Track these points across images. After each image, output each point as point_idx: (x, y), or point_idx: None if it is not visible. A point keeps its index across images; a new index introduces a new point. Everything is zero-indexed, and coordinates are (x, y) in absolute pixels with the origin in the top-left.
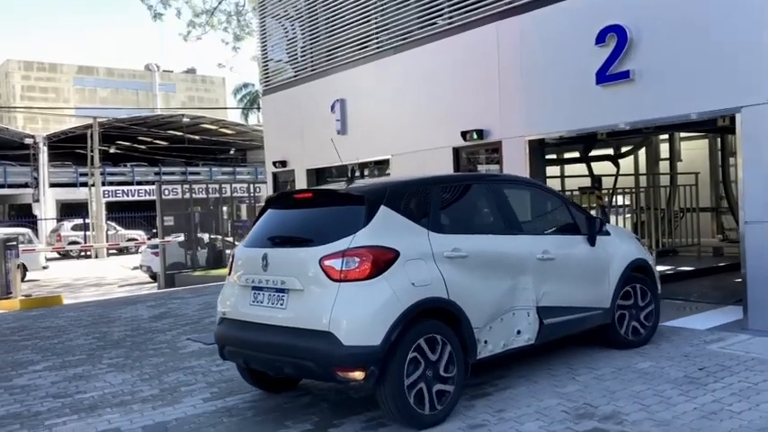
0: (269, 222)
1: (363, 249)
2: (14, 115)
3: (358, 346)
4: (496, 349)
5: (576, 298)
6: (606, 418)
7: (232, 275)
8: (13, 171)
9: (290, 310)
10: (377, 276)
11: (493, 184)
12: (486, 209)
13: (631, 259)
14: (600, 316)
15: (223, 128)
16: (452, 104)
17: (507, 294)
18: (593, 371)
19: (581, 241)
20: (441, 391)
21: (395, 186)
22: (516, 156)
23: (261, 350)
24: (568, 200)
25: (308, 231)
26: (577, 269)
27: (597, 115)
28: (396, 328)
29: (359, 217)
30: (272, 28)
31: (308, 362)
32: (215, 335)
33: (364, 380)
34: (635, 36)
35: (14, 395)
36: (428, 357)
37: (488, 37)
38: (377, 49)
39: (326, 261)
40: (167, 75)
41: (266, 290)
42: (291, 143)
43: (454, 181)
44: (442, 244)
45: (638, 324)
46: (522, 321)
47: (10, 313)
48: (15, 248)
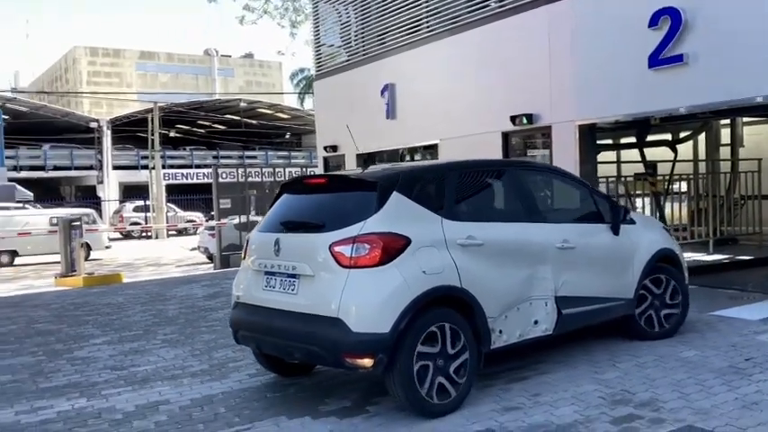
0: (283, 207)
1: (374, 236)
2: (81, 100)
3: (367, 333)
4: (512, 339)
5: (597, 288)
6: (643, 404)
7: (246, 260)
8: (78, 154)
9: (300, 296)
10: (387, 263)
11: (512, 170)
12: (503, 196)
13: (657, 249)
14: (622, 307)
15: (279, 112)
16: (502, 88)
17: (524, 284)
18: (634, 358)
19: (604, 230)
20: (452, 380)
21: (408, 172)
22: (566, 140)
23: (272, 335)
24: (592, 187)
25: (320, 217)
26: (599, 258)
27: (649, 100)
28: (405, 315)
29: (370, 203)
30: (324, 13)
31: (317, 348)
32: (230, 319)
33: (373, 367)
34: (689, 18)
35: (75, 366)
36: (439, 346)
37: (539, 20)
38: (427, 34)
39: (336, 247)
40: (226, 59)
41: (278, 275)
42: (342, 128)
43: (470, 167)
44: (456, 231)
45: (663, 315)
46: (540, 311)
47: (74, 290)
48: (79, 228)
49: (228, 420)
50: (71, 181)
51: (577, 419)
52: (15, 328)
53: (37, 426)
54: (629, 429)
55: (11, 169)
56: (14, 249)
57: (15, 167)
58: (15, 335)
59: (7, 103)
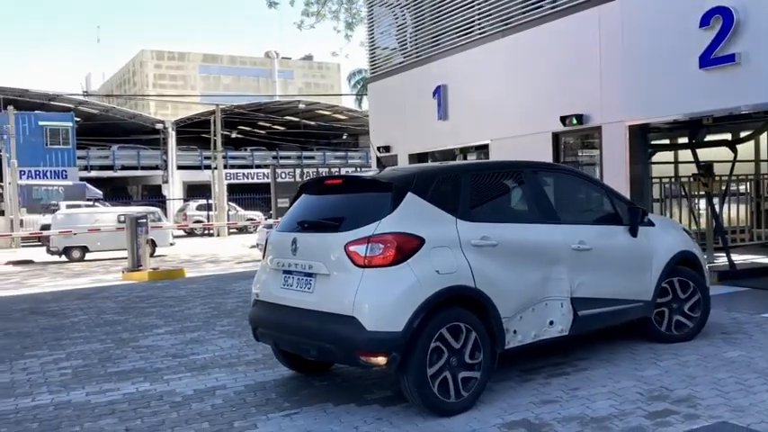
0: (301, 207)
1: (388, 236)
2: (147, 102)
3: (380, 331)
4: (526, 339)
5: (614, 290)
6: (680, 401)
7: (265, 259)
8: (145, 154)
9: (316, 294)
10: (401, 263)
11: (526, 171)
12: (519, 197)
13: (676, 251)
14: (640, 309)
15: (337, 113)
16: (553, 89)
17: (539, 284)
18: (676, 357)
19: (621, 232)
20: (466, 378)
21: (423, 173)
22: (616, 141)
23: (289, 332)
24: (610, 189)
25: (336, 217)
26: (616, 260)
27: (699, 100)
28: (418, 314)
29: (385, 203)
30: (379, 16)
31: (331, 345)
32: (249, 316)
33: (386, 365)
34: (741, 17)
35: (140, 353)
36: (453, 345)
37: (590, 21)
38: (479, 36)
39: (351, 247)
40: (285, 62)
41: (295, 273)
42: (394, 128)
43: (485, 169)
44: (471, 232)
45: (682, 318)
46: (555, 312)
47: (140, 284)
48: (145, 225)
49: (279, 405)
50: (138, 180)
51: (612, 413)
52: (86, 318)
53: (105, 405)
54: (663, 423)
55: (82, 169)
56: (85, 245)
57: (86, 167)
58: (86, 324)
59: (79, 105)
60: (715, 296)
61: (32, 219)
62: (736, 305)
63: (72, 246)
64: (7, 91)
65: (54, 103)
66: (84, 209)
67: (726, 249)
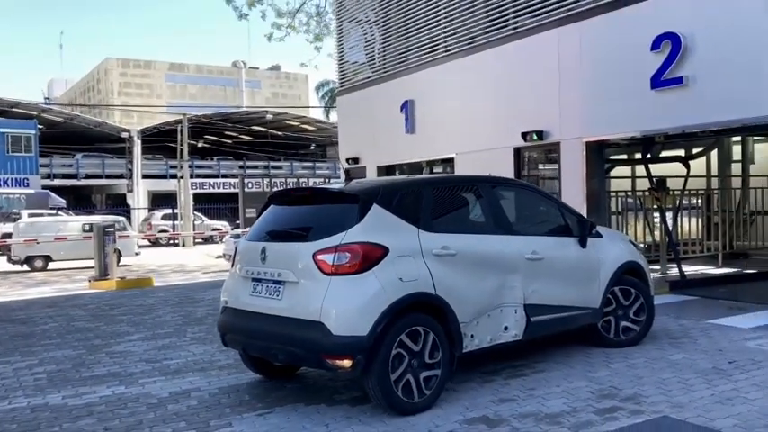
0: (270, 218)
1: (355, 245)
2: (112, 111)
3: (346, 335)
4: (483, 344)
5: (564, 297)
6: (627, 399)
7: (234, 267)
8: (110, 163)
9: (285, 301)
10: (366, 271)
11: (485, 186)
12: (477, 210)
13: (623, 261)
14: (589, 315)
15: (304, 124)
16: (514, 106)
17: (495, 292)
18: (626, 359)
19: (572, 243)
20: (426, 380)
21: (388, 186)
22: (574, 156)
23: (258, 338)
24: (561, 203)
25: (304, 227)
26: (566, 269)
27: (652, 119)
28: (383, 320)
29: (352, 214)
30: (348, 31)
31: (299, 349)
32: (217, 323)
33: (351, 368)
34: (689, 43)
35: (114, 358)
36: (414, 348)
37: (550, 42)
38: (445, 53)
39: (319, 255)
40: (253, 72)
41: (264, 281)
42: (363, 141)
43: (446, 182)
44: (432, 242)
45: (628, 324)
46: (510, 318)
47: (108, 292)
48: (112, 234)
49: (252, 405)
50: (102, 189)
51: (565, 410)
52: (57, 326)
53: (82, 407)
54: (610, 418)
55: (45, 177)
56: (48, 254)
57: (49, 175)
58: (57, 331)
59: (43, 113)
60: (666, 304)
61: None
62: (685, 313)
63: (34, 255)
64: None
65: (16, 110)
66: (46, 218)
67: (677, 260)
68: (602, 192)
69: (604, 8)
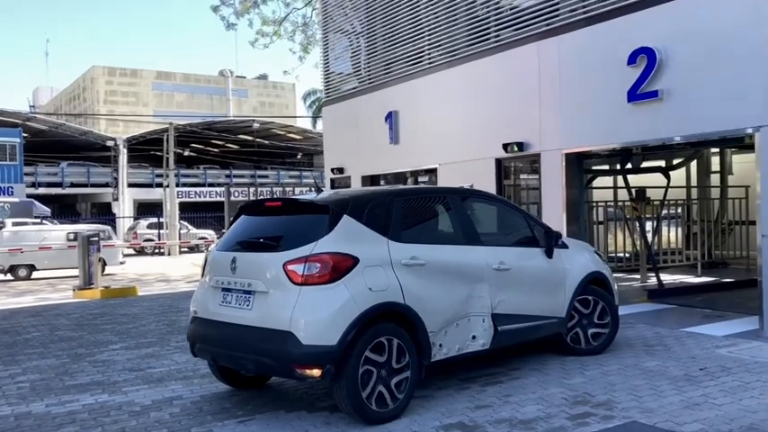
0: (240, 228)
1: (325, 255)
2: (98, 119)
3: (316, 345)
4: (451, 353)
5: (531, 307)
6: (599, 405)
7: (204, 277)
8: (95, 171)
9: (255, 311)
10: (336, 281)
11: (452, 197)
12: (445, 221)
13: (588, 272)
14: (555, 325)
15: (291, 133)
16: (496, 118)
17: (463, 301)
18: (601, 366)
19: (538, 253)
20: (395, 389)
21: (358, 198)
22: (553, 167)
23: (227, 348)
24: (528, 214)
25: (275, 237)
26: (533, 280)
27: (628, 131)
28: (352, 329)
29: (322, 225)
30: (333, 42)
31: (269, 359)
32: (187, 333)
33: (321, 377)
34: (664, 58)
35: (97, 367)
36: (383, 358)
37: (530, 55)
38: (428, 65)
39: (290, 266)
40: (240, 80)
41: (234, 291)
42: (348, 151)
43: (415, 194)
44: (401, 252)
45: (592, 333)
46: (478, 327)
47: (92, 301)
48: (97, 243)
49: (233, 413)
50: (87, 198)
51: (539, 416)
52: (40, 335)
53: (66, 415)
54: (582, 424)
55: (29, 186)
56: (32, 263)
57: (34, 184)
58: (40, 340)
59: (27, 121)
60: (643, 313)
61: None
62: (661, 321)
63: (18, 264)
64: None
65: (0, 118)
66: (31, 226)
67: (655, 270)
68: (581, 202)
69: (582, 23)
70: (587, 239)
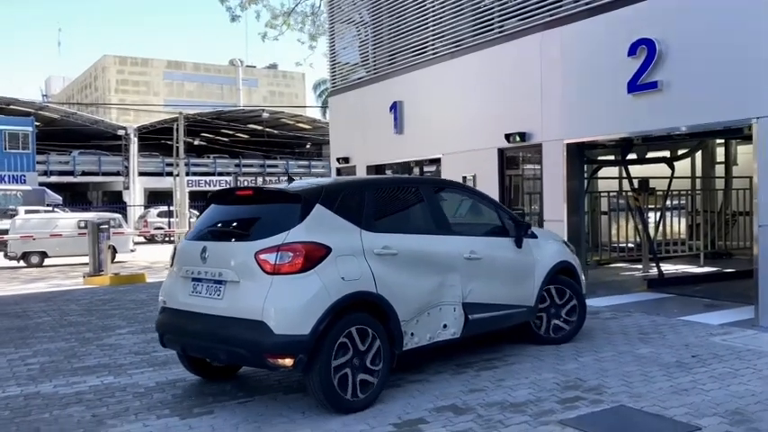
0: (211, 217)
1: (297, 244)
2: (109, 108)
3: (288, 335)
4: (422, 341)
5: (501, 296)
6: (590, 389)
7: (174, 267)
8: (106, 160)
9: (226, 301)
10: (308, 270)
11: (425, 187)
12: (417, 210)
13: (556, 261)
14: (524, 314)
15: (300, 123)
16: (499, 108)
17: (435, 291)
18: (596, 353)
19: (508, 243)
20: (367, 378)
21: (330, 187)
22: (555, 157)
23: (198, 338)
24: (499, 204)
25: (246, 226)
26: (503, 269)
27: (628, 122)
28: (324, 319)
29: (295, 214)
30: (340, 32)
31: (240, 349)
32: (156, 323)
33: (293, 367)
34: (663, 49)
35: (104, 351)
36: (355, 347)
37: (533, 46)
38: (432, 55)
39: (261, 255)
40: (250, 70)
41: (205, 281)
42: (354, 141)
43: (388, 183)
44: (373, 242)
45: (560, 322)
46: (449, 316)
47: (101, 288)
48: (107, 231)
49: (234, 394)
50: (98, 186)
51: (530, 399)
52: (50, 319)
53: (73, 396)
54: (571, 407)
55: (41, 174)
56: (44, 251)
57: (46, 172)
58: (50, 325)
59: (40, 110)
60: (641, 302)
61: None
62: (658, 310)
63: (31, 251)
64: None
65: (13, 107)
66: (43, 214)
67: (655, 259)
68: (582, 192)
69: (584, 14)
70: (589, 229)
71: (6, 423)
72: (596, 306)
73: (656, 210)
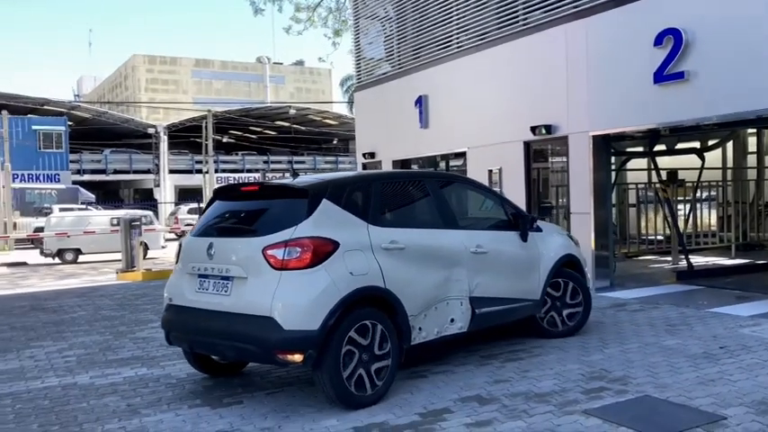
0: (216, 213)
1: (305, 239)
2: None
3: (297, 330)
4: (430, 336)
5: (507, 289)
6: (615, 380)
7: (179, 263)
8: (137, 158)
9: (233, 297)
10: (317, 265)
11: (430, 181)
12: (424, 204)
13: (561, 254)
14: (530, 307)
15: (327, 119)
16: (524, 101)
17: (442, 285)
18: (621, 345)
19: (514, 237)
20: (376, 373)
21: (337, 181)
22: (581, 150)
23: (205, 335)
24: (504, 198)
25: (253, 222)
26: (509, 263)
27: (655, 113)
28: (334, 314)
29: (302, 209)
30: (365, 27)
31: (249, 345)
32: (161, 321)
33: (303, 362)
34: (690, 38)
35: (137, 344)
36: (364, 342)
37: (557, 38)
38: (457, 49)
39: (269, 250)
40: (277, 67)
41: (212, 277)
42: (379, 136)
43: (394, 178)
44: (381, 236)
45: (566, 315)
46: (456, 310)
47: (134, 283)
48: (139, 228)
49: (262, 386)
50: (130, 184)
51: (554, 390)
52: (85, 314)
53: (108, 386)
54: (595, 398)
55: (75, 173)
56: (78, 248)
57: (79, 171)
58: (85, 319)
59: (72, 110)
60: (670, 294)
61: (25, 222)
62: (687, 301)
63: (65, 248)
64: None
65: (47, 107)
66: (76, 212)
67: (684, 251)
68: (609, 184)
69: (610, 4)
70: (617, 222)
71: (46, 412)
72: (624, 298)
73: (685, 201)
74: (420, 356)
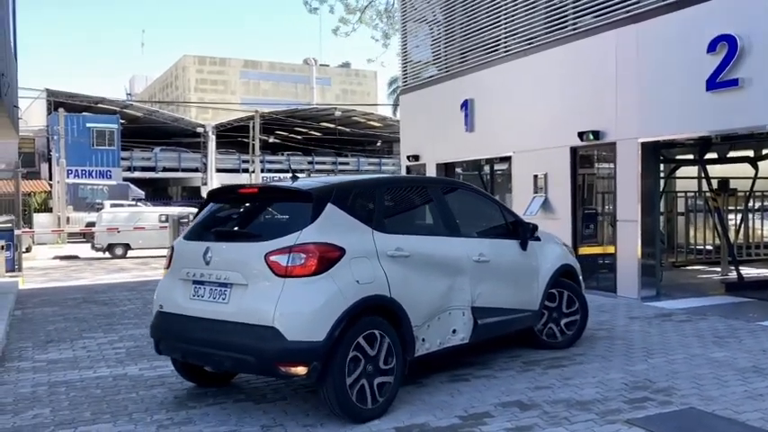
0: (212, 216)
1: (310, 245)
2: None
3: (302, 341)
4: (433, 347)
5: (508, 299)
6: (659, 391)
7: (171, 268)
8: (186, 157)
9: (232, 305)
10: (322, 273)
11: (434, 188)
12: (427, 211)
13: (560, 264)
14: (529, 318)
15: (371, 121)
16: (572, 106)
17: (445, 294)
18: (667, 355)
19: (514, 245)
20: (380, 385)
21: (342, 185)
22: (629, 157)
23: (200, 344)
24: (504, 206)
25: (254, 226)
26: (510, 272)
27: (707, 121)
28: (340, 323)
29: (306, 214)
30: (413, 30)
31: (248, 356)
32: (150, 328)
33: (306, 375)
34: (745, 45)
35: None
36: (369, 353)
37: (608, 43)
38: (505, 53)
39: (272, 256)
40: (323, 69)
41: (208, 284)
42: (424, 139)
43: (397, 183)
44: (386, 243)
45: (563, 326)
46: (458, 321)
47: None
48: (187, 225)
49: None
50: (178, 182)
51: (596, 398)
52: (134, 307)
53: (156, 378)
54: (638, 408)
55: (125, 170)
56: (128, 243)
57: (130, 168)
58: (134, 312)
59: (124, 108)
60: (718, 305)
61: (78, 216)
62: (736, 314)
63: (115, 243)
64: (57, 94)
65: (100, 105)
66: (127, 208)
67: (734, 262)
68: (657, 192)
69: (662, 10)
70: (665, 230)
71: (98, 401)
72: (670, 308)
73: (736, 211)
74: (460, 360)
